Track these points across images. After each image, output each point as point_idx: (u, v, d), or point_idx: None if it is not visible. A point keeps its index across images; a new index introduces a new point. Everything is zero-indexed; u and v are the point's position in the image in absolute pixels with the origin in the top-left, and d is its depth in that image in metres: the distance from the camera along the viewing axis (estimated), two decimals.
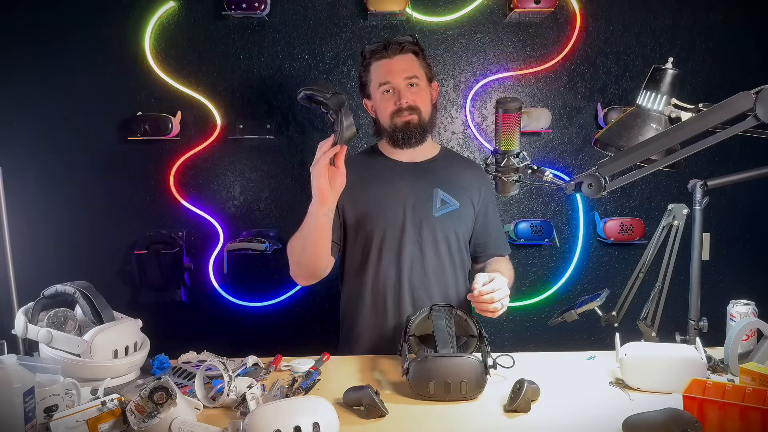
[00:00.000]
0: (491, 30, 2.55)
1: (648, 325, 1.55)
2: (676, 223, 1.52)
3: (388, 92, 1.69)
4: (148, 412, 1.06)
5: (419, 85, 1.70)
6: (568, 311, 1.62)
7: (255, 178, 2.58)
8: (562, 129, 2.59)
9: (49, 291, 1.39)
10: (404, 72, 1.68)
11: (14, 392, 1.02)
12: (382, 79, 1.68)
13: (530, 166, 1.31)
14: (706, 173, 1.53)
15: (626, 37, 2.57)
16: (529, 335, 2.65)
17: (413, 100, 1.68)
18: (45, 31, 2.48)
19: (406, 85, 1.68)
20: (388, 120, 1.70)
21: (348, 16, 2.53)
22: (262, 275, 2.58)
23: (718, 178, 1.51)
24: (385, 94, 1.69)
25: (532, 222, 2.53)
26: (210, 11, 2.50)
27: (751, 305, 1.52)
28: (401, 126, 1.68)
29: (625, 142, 1.23)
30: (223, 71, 2.52)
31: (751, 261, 2.64)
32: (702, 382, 1.19)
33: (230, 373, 1.25)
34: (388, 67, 1.68)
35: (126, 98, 2.50)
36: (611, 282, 2.60)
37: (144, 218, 2.56)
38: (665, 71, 1.23)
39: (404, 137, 1.68)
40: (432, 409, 1.26)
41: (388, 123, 1.70)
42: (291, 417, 1.03)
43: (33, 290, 1.44)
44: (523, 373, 1.34)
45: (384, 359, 1.58)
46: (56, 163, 2.52)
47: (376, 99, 1.72)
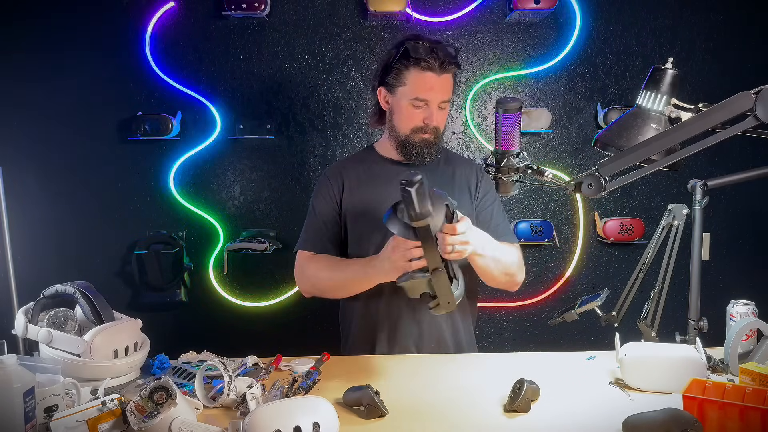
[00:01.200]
0: (491, 30, 2.55)
1: (648, 325, 1.55)
2: (676, 223, 1.52)
3: (420, 108, 1.60)
4: (148, 412, 1.06)
5: (446, 109, 1.65)
6: (568, 311, 1.62)
7: (255, 178, 2.58)
8: (562, 129, 2.59)
9: (49, 291, 1.39)
10: (444, 95, 1.61)
11: (14, 392, 1.02)
12: (421, 94, 1.58)
13: (530, 166, 1.31)
14: (706, 173, 1.53)
15: (626, 37, 2.57)
16: (529, 335, 2.65)
17: (440, 122, 1.63)
18: (45, 31, 2.48)
19: (438, 106, 1.61)
20: (408, 131, 1.62)
21: (348, 16, 2.53)
22: (262, 275, 2.58)
23: (718, 178, 1.51)
24: (416, 107, 1.60)
25: (532, 222, 2.53)
26: (210, 11, 2.50)
27: (751, 305, 1.52)
28: (419, 143, 1.62)
29: (625, 142, 1.23)
30: (223, 71, 2.52)
31: (751, 261, 2.64)
32: (702, 382, 1.19)
33: (230, 373, 1.25)
34: (432, 84, 1.58)
35: (126, 98, 2.51)
36: (611, 282, 2.60)
37: (144, 218, 2.56)
38: (665, 71, 1.23)
39: (419, 154, 1.63)
40: (432, 409, 1.26)
41: (406, 134, 1.63)
42: (291, 417, 1.03)
43: (33, 290, 1.44)
44: (523, 373, 1.34)
45: (384, 359, 1.58)
46: (56, 163, 2.52)
47: (401, 104, 1.62)
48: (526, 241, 2.53)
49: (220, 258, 2.56)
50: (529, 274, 2.65)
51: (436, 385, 1.38)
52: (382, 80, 1.65)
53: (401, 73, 1.60)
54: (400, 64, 1.59)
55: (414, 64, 1.57)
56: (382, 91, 1.66)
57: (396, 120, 1.65)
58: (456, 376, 1.44)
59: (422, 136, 1.62)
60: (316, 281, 1.67)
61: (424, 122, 1.60)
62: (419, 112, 1.60)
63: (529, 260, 2.65)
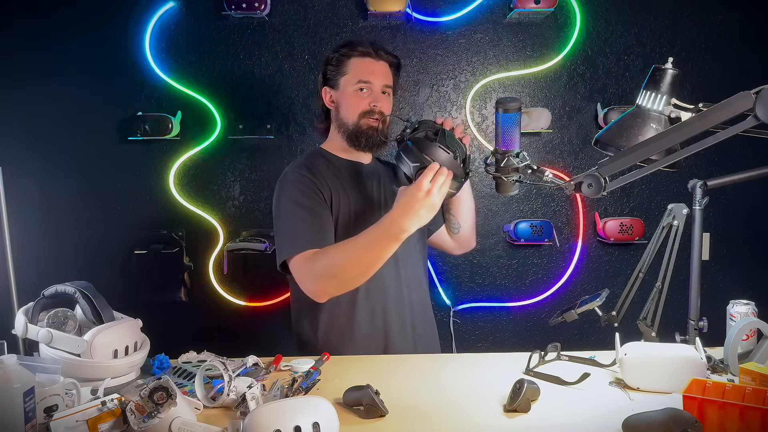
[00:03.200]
0: (491, 30, 2.55)
1: (648, 325, 1.55)
2: (676, 223, 1.52)
3: (364, 91, 1.65)
4: (148, 412, 1.06)
5: (390, 96, 1.71)
6: (568, 311, 1.61)
7: (255, 178, 2.58)
8: (562, 129, 2.59)
9: (49, 291, 1.39)
10: (385, 78, 1.67)
11: (14, 392, 1.02)
12: (363, 77, 1.65)
13: (530, 166, 1.31)
14: (706, 173, 1.53)
15: (626, 37, 2.57)
16: (529, 335, 2.65)
17: (385, 108, 1.67)
18: (45, 31, 2.48)
19: (381, 91, 1.67)
20: (355, 118, 1.65)
21: (348, 16, 2.53)
22: (262, 275, 2.58)
23: (718, 178, 1.50)
24: (360, 91, 1.65)
25: (532, 222, 2.53)
26: (210, 11, 2.50)
27: (751, 305, 1.52)
28: (366, 128, 1.65)
29: (625, 142, 1.23)
30: (223, 71, 2.53)
31: (751, 261, 2.65)
32: (702, 382, 1.19)
33: (230, 373, 1.25)
34: (372, 68, 1.66)
35: (126, 98, 2.51)
36: (611, 282, 2.60)
37: (144, 218, 2.56)
38: (665, 71, 1.23)
39: (367, 140, 1.66)
40: (432, 409, 1.26)
41: (353, 121, 1.66)
42: (291, 417, 1.03)
43: (33, 290, 1.44)
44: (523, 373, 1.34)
45: (384, 359, 1.58)
46: (56, 163, 2.52)
47: (346, 93, 1.67)
48: (526, 241, 2.53)
49: (220, 258, 2.56)
50: (529, 274, 2.66)
51: (436, 385, 1.38)
52: (325, 80, 1.71)
53: (342, 64, 1.68)
54: (340, 56, 1.68)
55: (352, 54, 1.67)
56: (327, 90, 1.71)
57: (343, 111, 1.69)
58: (456, 376, 1.44)
59: (369, 122, 1.65)
60: (333, 269, 1.48)
61: (370, 106, 1.65)
62: (365, 95, 1.65)
63: (529, 260, 2.65)
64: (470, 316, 2.67)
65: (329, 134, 1.75)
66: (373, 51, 1.67)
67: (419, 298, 1.74)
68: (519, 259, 2.64)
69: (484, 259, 2.66)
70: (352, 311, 1.65)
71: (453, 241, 1.84)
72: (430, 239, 1.84)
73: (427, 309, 1.79)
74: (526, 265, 2.65)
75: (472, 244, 1.85)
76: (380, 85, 1.66)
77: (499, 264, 2.66)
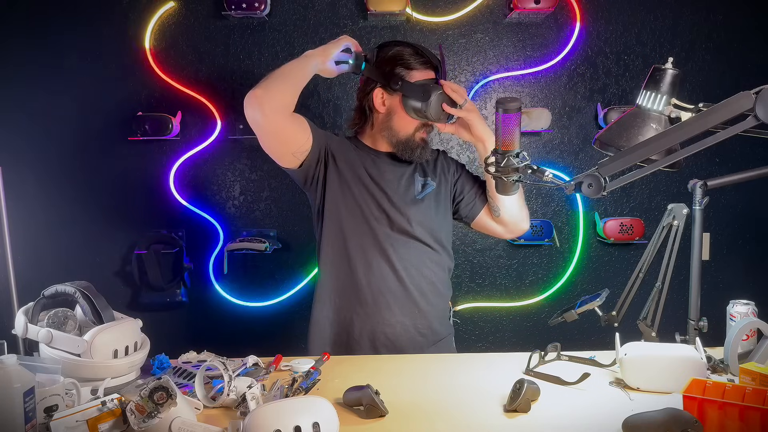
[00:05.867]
0: (491, 30, 2.55)
1: (648, 325, 1.55)
2: (676, 223, 1.52)
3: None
4: (148, 412, 1.06)
5: None
6: (568, 311, 1.61)
7: (255, 178, 2.58)
8: (562, 129, 2.59)
9: (49, 291, 1.39)
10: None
11: (14, 392, 1.02)
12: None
13: (530, 166, 1.30)
14: (706, 173, 1.53)
15: (626, 37, 2.57)
16: (529, 335, 2.65)
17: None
18: (45, 31, 2.48)
19: None
20: (410, 131, 1.68)
21: (348, 16, 2.53)
22: (262, 275, 2.58)
23: (718, 178, 1.50)
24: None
25: (532, 222, 2.53)
26: (210, 11, 2.50)
27: (751, 305, 1.52)
28: (419, 142, 1.69)
29: (625, 142, 1.23)
30: (223, 71, 2.52)
31: (751, 261, 2.65)
32: (702, 382, 1.19)
33: (230, 373, 1.25)
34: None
35: (126, 98, 2.51)
36: (611, 282, 2.60)
37: (144, 218, 2.56)
38: (665, 71, 1.23)
39: (421, 153, 1.69)
40: (432, 409, 1.26)
41: (408, 134, 1.68)
42: (291, 417, 1.03)
43: (33, 290, 1.44)
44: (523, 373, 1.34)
45: (384, 359, 1.58)
46: (56, 163, 2.52)
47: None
48: (526, 241, 2.53)
49: (220, 258, 2.56)
50: (529, 274, 2.66)
51: (436, 385, 1.38)
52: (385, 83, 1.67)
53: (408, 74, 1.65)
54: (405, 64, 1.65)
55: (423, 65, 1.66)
56: (382, 92, 1.69)
57: (398, 121, 1.68)
58: (456, 376, 1.44)
59: (422, 135, 1.69)
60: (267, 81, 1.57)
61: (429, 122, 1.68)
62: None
63: (529, 260, 2.65)
64: (470, 316, 2.67)
65: (364, 128, 1.76)
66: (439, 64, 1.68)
67: (437, 303, 1.74)
68: (519, 259, 2.65)
69: (484, 259, 2.66)
70: (351, 318, 1.71)
71: (499, 225, 1.78)
72: (475, 224, 1.81)
73: (444, 313, 1.79)
74: (526, 265, 2.65)
75: (522, 226, 1.78)
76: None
77: (499, 264, 2.66)
